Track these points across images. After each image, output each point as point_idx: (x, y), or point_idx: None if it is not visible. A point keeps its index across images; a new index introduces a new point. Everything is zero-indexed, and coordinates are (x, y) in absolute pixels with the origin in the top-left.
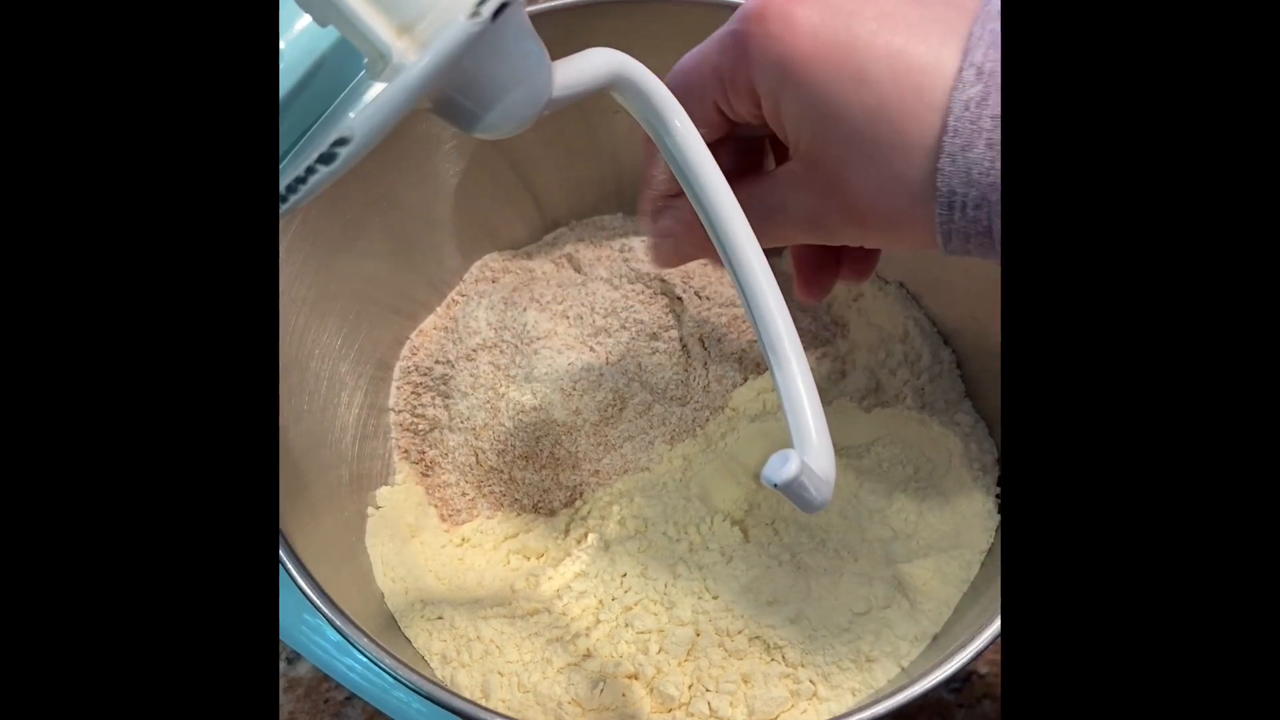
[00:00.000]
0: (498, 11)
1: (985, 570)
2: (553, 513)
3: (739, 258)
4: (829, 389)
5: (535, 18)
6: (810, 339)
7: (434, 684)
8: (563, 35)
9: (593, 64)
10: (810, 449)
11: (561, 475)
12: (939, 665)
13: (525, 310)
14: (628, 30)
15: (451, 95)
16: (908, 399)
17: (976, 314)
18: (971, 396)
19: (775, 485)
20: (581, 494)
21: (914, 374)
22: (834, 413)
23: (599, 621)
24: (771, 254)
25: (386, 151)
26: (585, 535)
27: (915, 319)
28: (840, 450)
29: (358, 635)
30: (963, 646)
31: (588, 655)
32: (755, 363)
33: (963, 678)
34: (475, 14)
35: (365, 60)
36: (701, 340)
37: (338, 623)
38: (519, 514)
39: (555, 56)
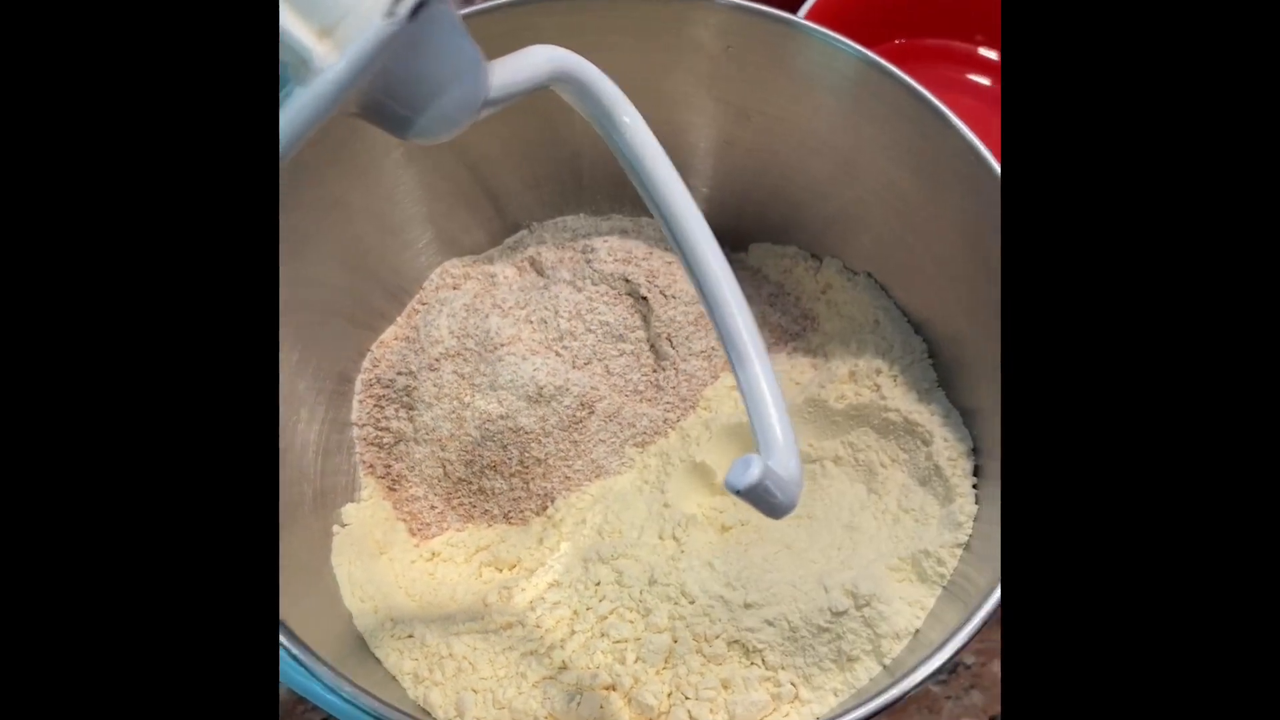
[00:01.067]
0: (415, 10)
1: (964, 563)
2: (525, 522)
3: (695, 256)
4: (803, 383)
5: (481, 15)
6: (781, 334)
7: (394, 709)
8: (510, 32)
9: (532, 62)
10: (775, 451)
11: (532, 483)
12: (923, 662)
13: (487, 317)
14: (577, 26)
15: (379, 99)
16: (880, 390)
17: (946, 302)
18: (944, 386)
19: (738, 492)
20: (554, 501)
21: (886, 364)
22: (807, 407)
23: (574, 632)
24: (738, 249)
25: (337, 156)
26: (558, 544)
27: (885, 308)
28: (815, 446)
29: (315, 663)
30: (944, 643)
31: (563, 668)
32: (724, 360)
33: (949, 669)
34: (391, 14)
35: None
36: (669, 339)
37: (294, 650)
38: (490, 525)
39: (504, 54)
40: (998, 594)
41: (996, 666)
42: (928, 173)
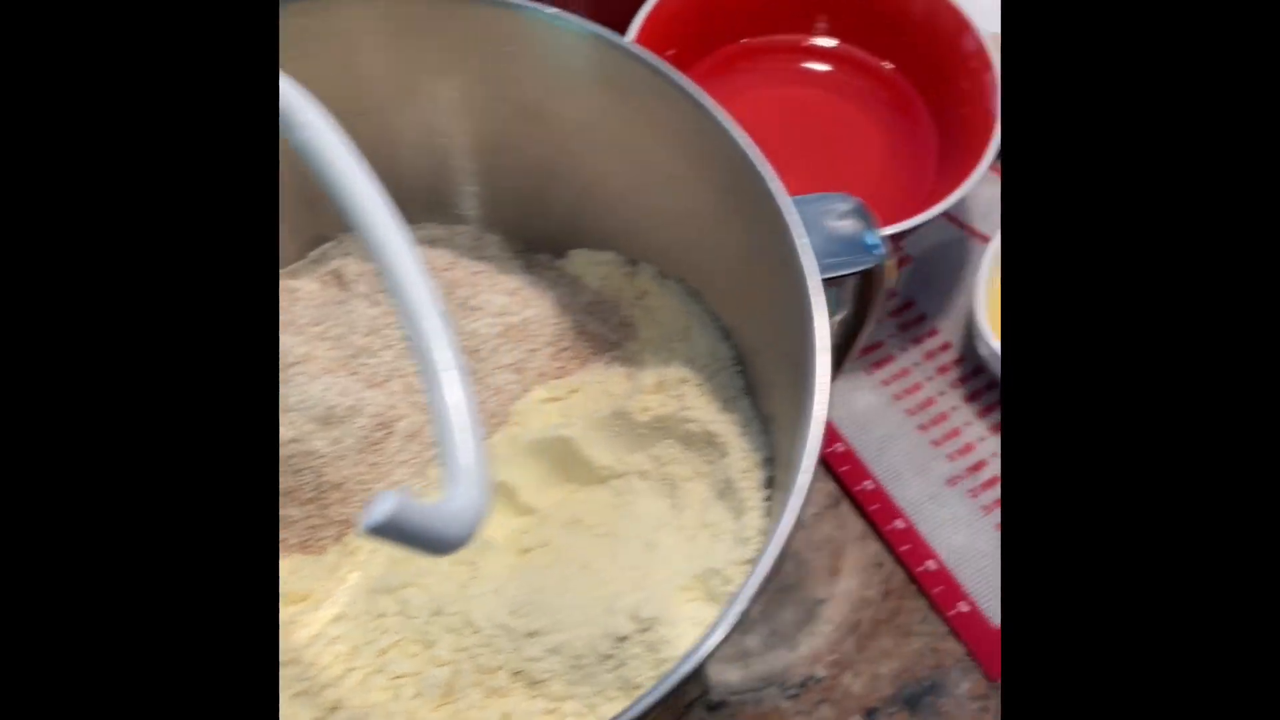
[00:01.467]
0: None
1: (751, 579)
2: (323, 551)
3: (385, 260)
4: (616, 395)
5: None
6: (600, 343)
7: None
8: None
9: None
10: (455, 479)
11: (329, 510)
12: (665, 677)
13: (280, 335)
14: (330, 31)
15: None
16: (684, 399)
17: (747, 309)
18: (750, 394)
19: (365, 532)
20: (354, 528)
21: (693, 373)
22: (614, 420)
23: (352, 669)
24: (559, 255)
25: None
26: (349, 574)
27: (695, 315)
28: (621, 460)
29: None
30: (695, 649)
31: (335, 708)
32: (537, 373)
33: (799, 683)
34: None
35: None
36: (475, 353)
37: None
38: (286, 556)
39: None
40: (748, 590)
41: (847, 679)
42: (705, 171)
